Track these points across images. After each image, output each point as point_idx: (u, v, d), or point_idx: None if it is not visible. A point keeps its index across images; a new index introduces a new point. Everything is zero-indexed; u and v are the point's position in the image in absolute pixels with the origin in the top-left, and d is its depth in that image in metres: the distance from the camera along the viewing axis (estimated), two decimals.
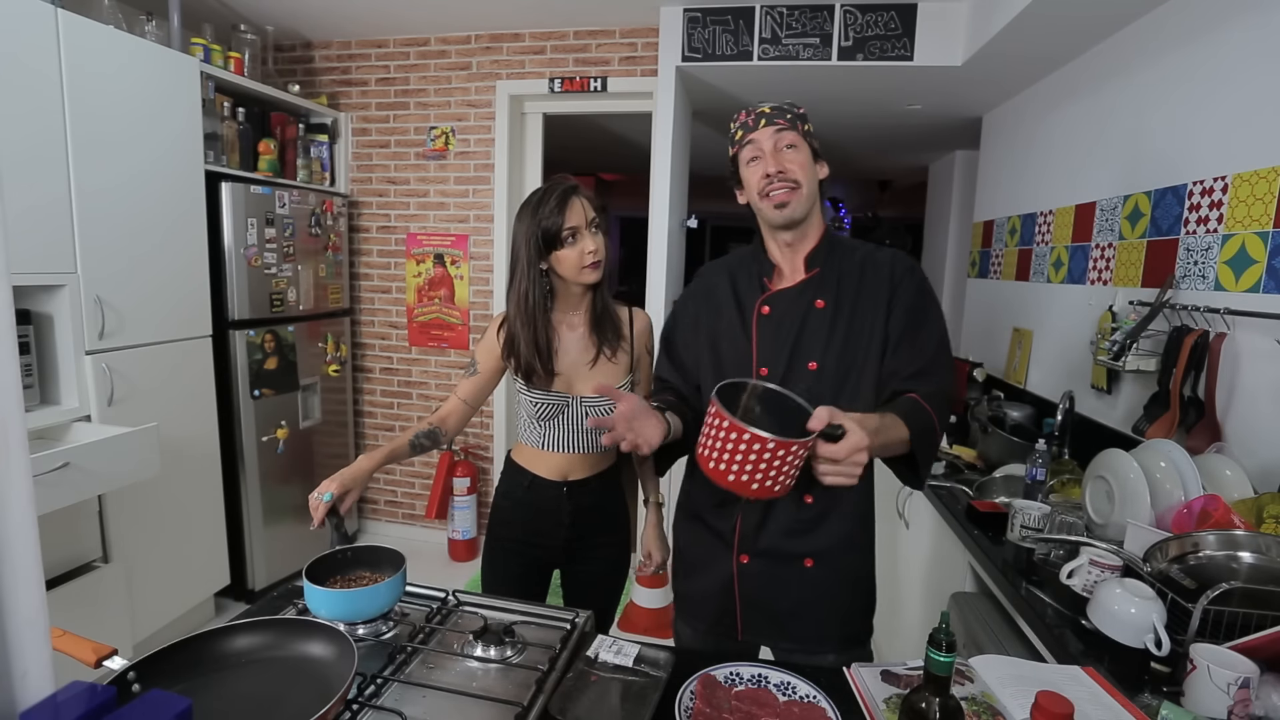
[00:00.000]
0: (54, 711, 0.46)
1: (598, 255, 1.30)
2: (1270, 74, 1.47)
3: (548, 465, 1.41)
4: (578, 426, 1.39)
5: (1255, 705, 0.88)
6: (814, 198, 1.15)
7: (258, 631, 0.87)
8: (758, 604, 1.18)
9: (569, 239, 1.29)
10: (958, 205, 4.23)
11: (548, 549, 1.44)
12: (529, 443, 1.43)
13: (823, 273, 1.16)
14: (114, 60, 2.08)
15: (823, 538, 1.15)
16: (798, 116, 1.13)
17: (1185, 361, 1.58)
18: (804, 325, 1.13)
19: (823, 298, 1.14)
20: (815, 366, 1.12)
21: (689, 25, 2.64)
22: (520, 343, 1.33)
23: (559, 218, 1.27)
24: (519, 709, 0.84)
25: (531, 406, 1.38)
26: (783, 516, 1.15)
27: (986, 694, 0.88)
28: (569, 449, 1.40)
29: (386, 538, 3.45)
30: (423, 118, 3.17)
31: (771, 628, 1.19)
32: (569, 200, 1.28)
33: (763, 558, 1.16)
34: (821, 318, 1.13)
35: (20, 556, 0.44)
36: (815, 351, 1.12)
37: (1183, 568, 1.14)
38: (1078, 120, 2.30)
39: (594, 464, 1.44)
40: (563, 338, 1.38)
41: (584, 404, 1.37)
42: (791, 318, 1.14)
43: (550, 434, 1.40)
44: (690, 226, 3.36)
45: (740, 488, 0.88)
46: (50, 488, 1.62)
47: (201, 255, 2.43)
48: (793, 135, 1.11)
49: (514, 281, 1.34)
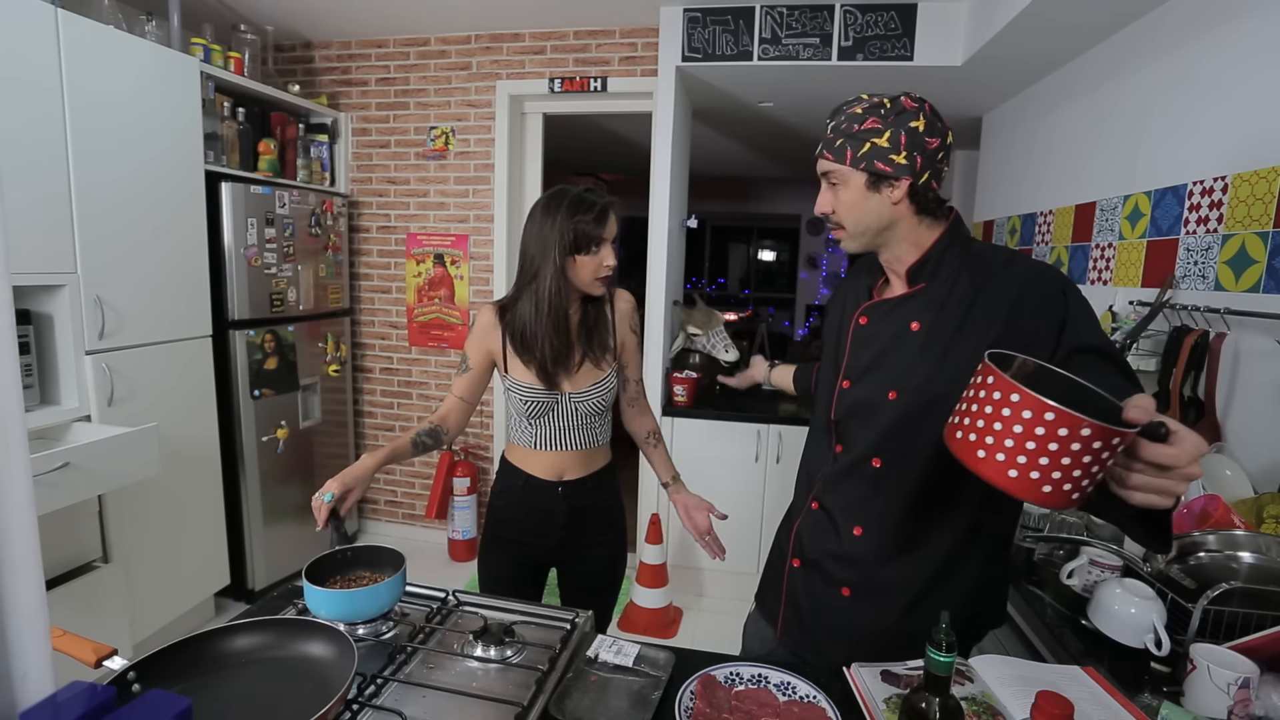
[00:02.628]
0: (54, 711, 0.46)
1: (612, 270, 1.34)
2: (1269, 74, 1.48)
3: (542, 465, 1.41)
4: (568, 423, 1.39)
5: (1255, 705, 0.88)
6: (871, 229, 1.00)
7: (258, 631, 0.87)
8: (798, 610, 1.16)
9: (594, 248, 1.31)
10: (958, 205, 4.20)
11: (543, 548, 1.44)
12: (520, 442, 1.43)
13: (928, 288, 1.00)
14: (114, 60, 2.08)
15: (865, 573, 1.05)
16: (851, 137, 0.97)
17: (1185, 361, 1.59)
18: (893, 347, 1.01)
19: (920, 319, 0.99)
20: (894, 396, 0.99)
21: (689, 25, 2.64)
22: (543, 343, 1.32)
23: (597, 228, 1.30)
24: (519, 709, 0.84)
25: (521, 404, 1.38)
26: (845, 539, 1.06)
27: (986, 694, 0.88)
28: (561, 446, 1.40)
29: (386, 538, 3.45)
30: (423, 118, 3.17)
31: (804, 637, 1.16)
32: (609, 214, 1.32)
33: (809, 567, 1.14)
34: (913, 342, 0.99)
35: (20, 556, 0.44)
36: (897, 378, 0.99)
37: (1183, 568, 1.14)
38: (1078, 120, 2.30)
39: (588, 462, 1.44)
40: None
41: (573, 400, 1.38)
42: (883, 336, 1.03)
43: (541, 432, 1.40)
44: (690, 226, 3.35)
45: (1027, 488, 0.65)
46: (50, 488, 1.62)
47: (201, 255, 2.43)
48: (838, 168, 0.99)
49: (536, 278, 1.32)
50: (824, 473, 1.11)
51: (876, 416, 1.01)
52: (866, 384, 1.04)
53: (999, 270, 0.96)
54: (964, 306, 0.96)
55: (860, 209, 0.99)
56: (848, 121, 0.99)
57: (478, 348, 1.41)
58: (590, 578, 1.49)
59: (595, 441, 1.43)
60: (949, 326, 0.96)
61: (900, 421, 0.99)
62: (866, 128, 0.97)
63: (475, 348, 1.42)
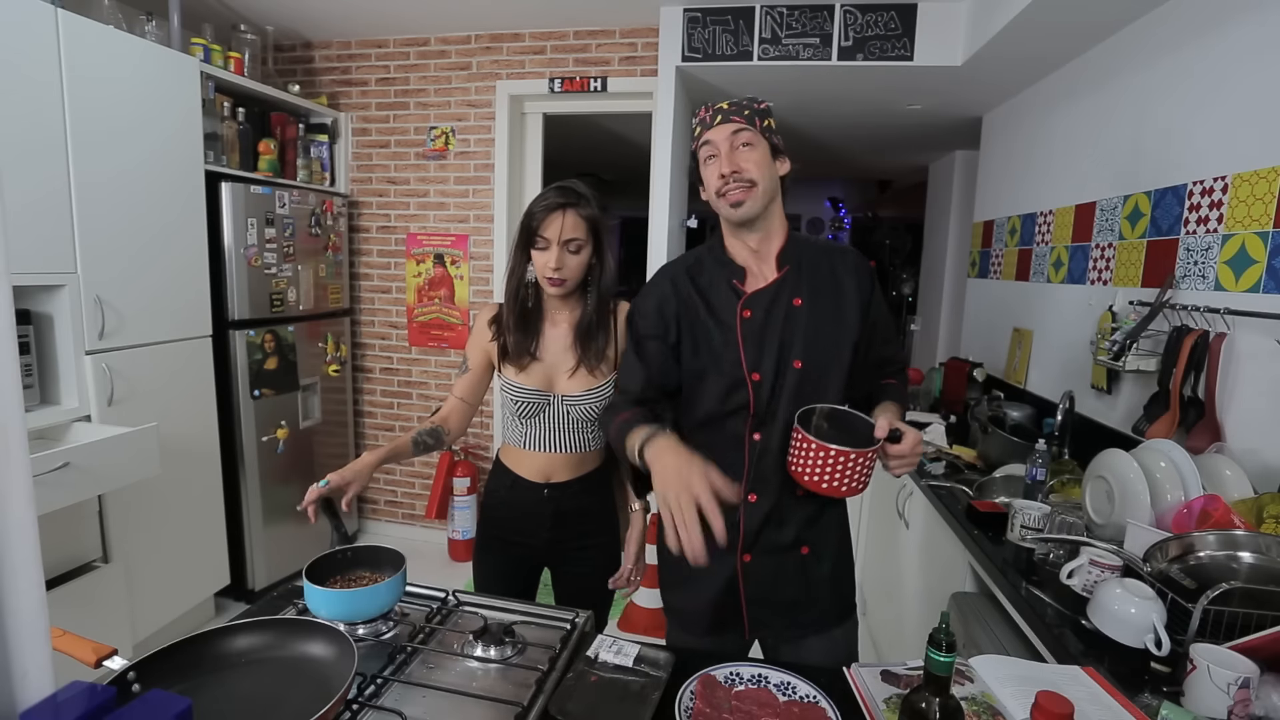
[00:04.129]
0: (54, 711, 0.46)
1: (560, 273, 1.29)
2: (1269, 74, 1.47)
3: (530, 466, 1.40)
4: (559, 425, 1.38)
5: (1255, 705, 0.88)
6: (772, 195, 1.14)
7: (258, 631, 0.87)
8: (764, 599, 1.19)
9: (541, 245, 1.30)
10: (958, 205, 4.23)
11: (533, 549, 1.44)
12: (512, 442, 1.43)
13: (793, 270, 1.16)
14: (114, 60, 2.08)
15: (817, 525, 1.21)
16: (756, 112, 1.12)
17: (1185, 361, 1.58)
18: (785, 324, 1.14)
19: (799, 295, 1.15)
20: (800, 365, 1.13)
21: (689, 25, 2.64)
22: (508, 316, 1.36)
23: (537, 223, 1.29)
24: (519, 709, 0.84)
25: (513, 404, 1.37)
26: (785, 512, 1.17)
27: (986, 694, 0.88)
28: (551, 449, 1.39)
29: (386, 538, 3.45)
30: (423, 118, 3.17)
31: (777, 619, 1.20)
32: (553, 214, 1.28)
33: (765, 553, 1.18)
34: (799, 315, 1.14)
35: (20, 556, 0.44)
36: (798, 350, 1.14)
37: (1183, 568, 1.14)
38: (1078, 120, 2.30)
39: (577, 466, 1.42)
40: (545, 331, 1.38)
41: (565, 402, 1.36)
42: (774, 318, 1.14)
43: (532, 433, 1.39)
44: (690, 226, 3.35)
45: (833, 492, 1.05)
46: (50, 488, 1.63)
47: (201, 255, 2.43)
48: (749, 133, 1.10)
49: (510, 269, 1.37)
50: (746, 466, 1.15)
51: (790, 388, 1.13)
52: (774, 365, 1.14)
53: (834, 252, 1.20)
54: (829, 280, 1.17)
55: (769, 171, 1.12)
56: (748, 102, 1.13)
57: (476, 348, 1.42)
58: (583, 579, 1.47)
59: (587, 446, 1.41)
60: (826, 299, 1.16)
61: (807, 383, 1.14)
62: (762, 109, 1.13)
63: (474, 348, 1.43)
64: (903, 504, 2.17)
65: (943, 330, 4.35)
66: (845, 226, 7.83)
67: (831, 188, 7.52)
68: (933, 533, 1.92)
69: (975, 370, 2.86)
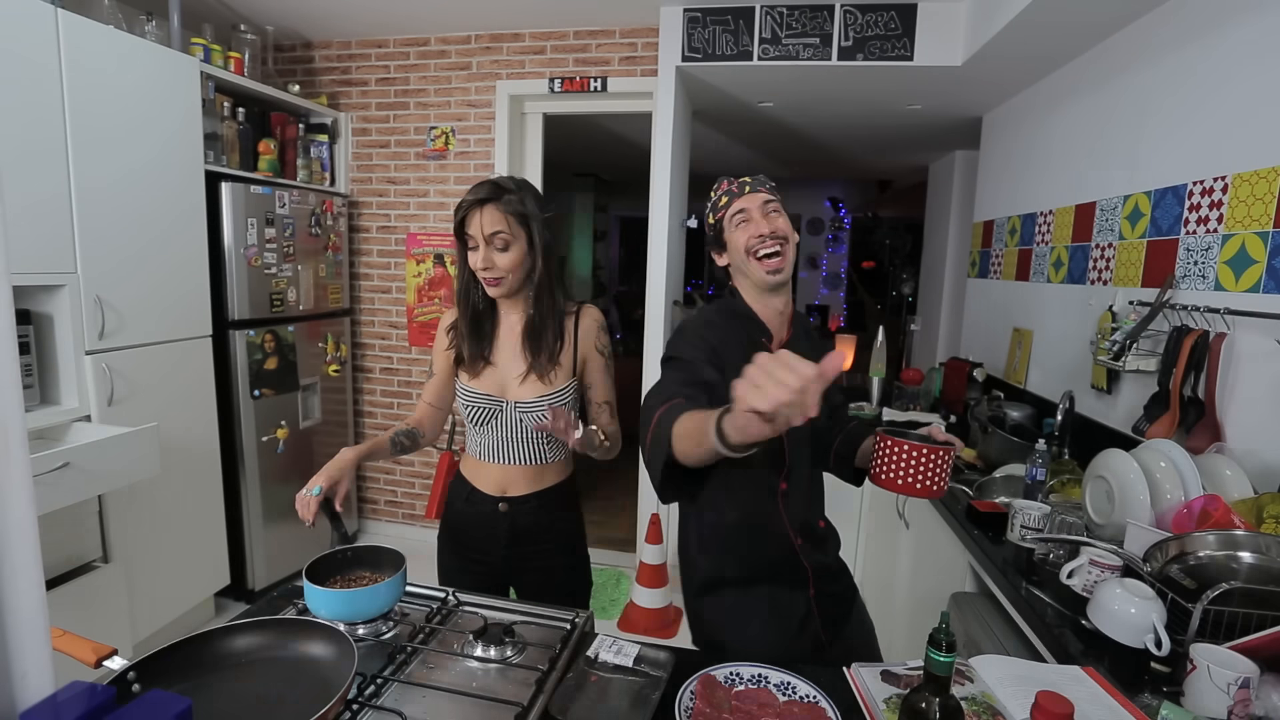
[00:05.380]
0: (54, 711, 0.46)
1: (490, 272, 1.26)
2: (1269, 74, 1.47)
3: (486, 478, 1.36)
4: (512, 434, 1.34)
5: (1255, 705, 0.88)
6: (794, 261, 1.23)
7: (258, 631, 0.87)
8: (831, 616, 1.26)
9: (471, 244, 1.27)
10: (958, 205, 4.23)
11: (490, 565, 1.38)
12: (470, 452, 1.40)
13: (794, 334, 1.26)
14: (114, 60, 2.08)
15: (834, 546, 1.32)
16: (773, 189, 1.23)
17: (1185, 361, 1.58)
18: None
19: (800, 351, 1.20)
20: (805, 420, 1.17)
21: (689, 25, 2.64)
22: (460, 319, 1.35)
23: (460, 221, 1.26)
24: (519, 709, 0.84)
25: (465, 409, 1.35)
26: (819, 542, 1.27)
27: (986, 694, 0.88)
28: (506, 459, 1.34)
29: (386, 538, 3.45)
30: (423, 118, 3.17)
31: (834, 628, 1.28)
32: (473, 210, 1.24)
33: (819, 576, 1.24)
34: None
35: (20, 556, 0.44)
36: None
37: (1183, 568, 1.14)
38: (1078, 120, 2.30)
39: (534, 479, 1.36)
40: (500, 334, 1.36)
41: (518, 409, 1.32)
42: None
43: (485, 441, 1.35)
44: (690, 226, 3.35)
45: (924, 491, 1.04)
46: (50, 488, 1.62)
47: (201, 255, 2.43)
48: (776, 204, 1.20)
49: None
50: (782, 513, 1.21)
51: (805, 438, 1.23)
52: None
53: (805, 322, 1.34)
54: (812, 348, 1.25)
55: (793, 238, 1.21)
56: (767, 178, 1.22)
57: (438, 353, 1.41)
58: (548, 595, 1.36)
59: (544, 458, 1.36)
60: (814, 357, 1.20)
61: (817, 432, 1.27)
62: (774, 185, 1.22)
63: (436, 353, 1.42)
64: (903, 504, 2.17)
65: (943, 330, 4.35)
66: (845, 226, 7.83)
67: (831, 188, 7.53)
68: (933, 533, 1.92)
69: (975, 370, 2.86)
